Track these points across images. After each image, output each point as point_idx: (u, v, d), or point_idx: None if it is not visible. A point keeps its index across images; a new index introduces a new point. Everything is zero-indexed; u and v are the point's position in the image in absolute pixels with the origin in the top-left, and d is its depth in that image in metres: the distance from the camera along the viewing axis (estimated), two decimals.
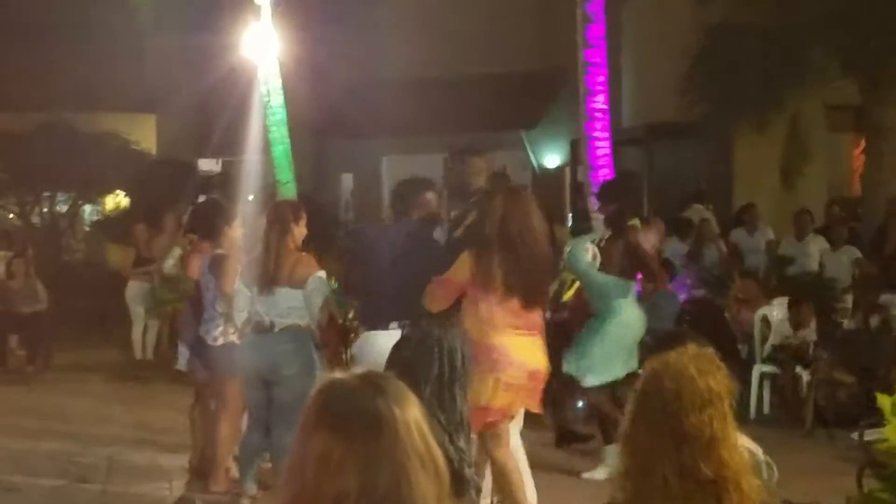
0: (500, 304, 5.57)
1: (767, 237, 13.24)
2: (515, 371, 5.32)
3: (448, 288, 5.72)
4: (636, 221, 8.17)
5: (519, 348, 5.39)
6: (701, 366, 2.88)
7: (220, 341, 7.13)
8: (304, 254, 6.90)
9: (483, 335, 5.36)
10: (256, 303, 6.68)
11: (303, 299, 6.60)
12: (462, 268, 5.67)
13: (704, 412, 2.81)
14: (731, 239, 13.32)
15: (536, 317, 5.70)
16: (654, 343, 6.06)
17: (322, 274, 6.73)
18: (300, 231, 6.78)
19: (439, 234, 6.75)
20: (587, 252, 8.03)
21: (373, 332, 6.22)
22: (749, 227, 13.43)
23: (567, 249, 8.39)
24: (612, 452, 6.68)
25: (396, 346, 4.03)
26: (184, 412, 8.28)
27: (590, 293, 8.21)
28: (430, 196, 6.61)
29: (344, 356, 9.83)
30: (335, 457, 1.92)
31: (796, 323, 10.19)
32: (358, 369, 2.06)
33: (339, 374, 2.05)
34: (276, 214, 6.78)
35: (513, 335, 5.41)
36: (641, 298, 10.53)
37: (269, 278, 6.61)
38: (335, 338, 8.77)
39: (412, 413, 1.98)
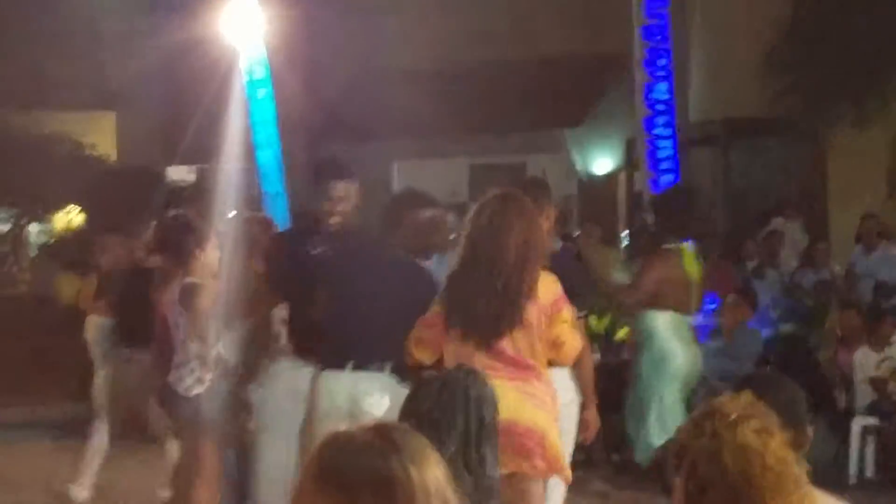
0: (459, 340, 5.53)
1: (890, 255, 13.05)
2: None
3: (429, 328, 5.68)
4: (675, 245, 8.18)
5: None
6: (760, 427, 2.72)
7: (195, 391, 7.17)
8: None
9: None
10: (219, 340, 6.70)
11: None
12: (437, 300, 5.66)
13: (783, 489, 2.66)
14: (851, 259, 13.25)
15: (521, 357, 5.56)
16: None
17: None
18: None
19: (437, 265, 6.70)
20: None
21: (327, 373, 6.17)
22: (867, 244, 13.20)
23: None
24: None
25: (412, 396, 4.05)
26: (154, 474, 8.31)
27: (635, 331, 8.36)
28: (425, 215, 6.62)
29: None
30: None
31: (878, 341, 10.20)
32: (374, 424, 2.07)
33: (344, 428, 2.07)
34: (242, 233, 6.81)
35: None
36: (716, 334, 10.56)
37: (227, 310, 6.63)
38: None
39: (432, 474, 2.00)
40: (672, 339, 7.98)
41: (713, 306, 11.48)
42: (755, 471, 2.64)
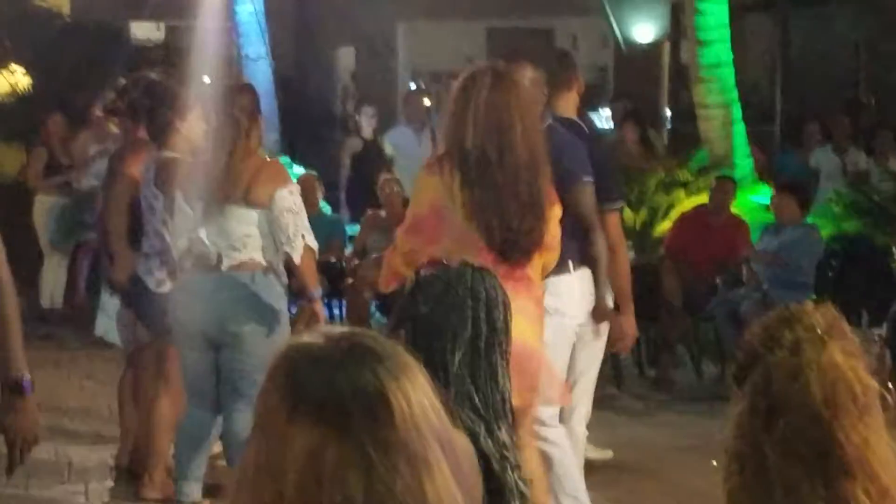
0: (462, 245, 5.37)
1: None
2: None
3: (418, 235, 5.57)
4: None
5: None
6: (847, 348, 2.62)
7: (167, 286, 7.20)
8: (269, 160, 6.96)
9: None
10: (200, 227, 6.70)
11: (265, 225, 6.62)
12: (419, 195, 5.67)
13: (867, 424, 2.57)
14: None
15: (525, 269, 5.53)
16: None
17: (294, 188, 6.73)
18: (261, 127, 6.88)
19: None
20: None
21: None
22: None
23: None
24: None
25: (410, 297, 4.04)
26: (107, 386, 8.37)
27: None
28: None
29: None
30: (329, 457, 1.93)
31: None
32: (337, 329, 2.04)
33: (306, 337, 2.03)
34: (231, 102, 6.77)
35: None
36: (774, 230, 10.55)
37: (218, 192, 6.64)
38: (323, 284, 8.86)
39: (421, 384, 2.00)
40: None
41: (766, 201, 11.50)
42: (841, 399, 2.55)
